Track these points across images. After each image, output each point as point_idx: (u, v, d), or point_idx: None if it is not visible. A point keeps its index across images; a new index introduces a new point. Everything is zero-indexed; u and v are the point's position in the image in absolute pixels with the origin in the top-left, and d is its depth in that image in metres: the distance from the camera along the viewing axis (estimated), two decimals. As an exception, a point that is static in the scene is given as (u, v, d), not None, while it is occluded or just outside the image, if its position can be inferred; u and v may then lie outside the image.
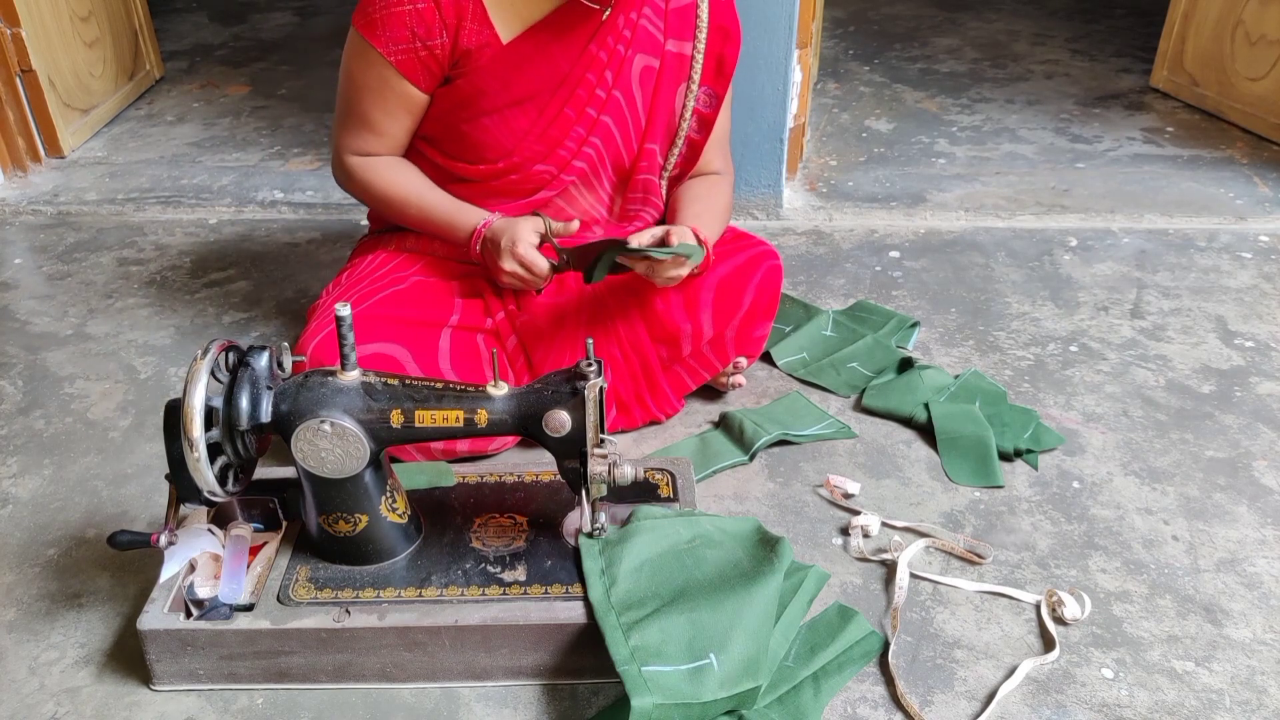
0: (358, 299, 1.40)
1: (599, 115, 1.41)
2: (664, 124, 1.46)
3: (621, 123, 1.43)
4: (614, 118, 1.42)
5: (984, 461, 1.42)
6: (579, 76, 1.37)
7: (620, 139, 1.44)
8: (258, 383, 1.06)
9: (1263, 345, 1.69)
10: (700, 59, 1.43)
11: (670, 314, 1.42)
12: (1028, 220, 2.11)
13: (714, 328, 1.43)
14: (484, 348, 1.41)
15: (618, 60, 1.38)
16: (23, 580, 1.27)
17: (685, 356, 1.46)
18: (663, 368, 1.47)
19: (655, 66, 1.42)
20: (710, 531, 1.19)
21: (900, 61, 2.99)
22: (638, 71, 1.41)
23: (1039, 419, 1.50)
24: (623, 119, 1.43)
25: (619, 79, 1.40)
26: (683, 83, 1.45)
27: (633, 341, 1.45)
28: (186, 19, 3.45)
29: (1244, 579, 1.24)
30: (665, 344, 1.44)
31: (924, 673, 1.13)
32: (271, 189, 2.28)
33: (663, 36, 1.41)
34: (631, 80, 1.41)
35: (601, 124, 1.41)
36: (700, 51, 1.43)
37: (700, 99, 1.46)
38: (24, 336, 1.77)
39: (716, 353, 1.47)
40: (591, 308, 1.45)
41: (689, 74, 1.44)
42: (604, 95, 1.40)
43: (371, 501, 1.11)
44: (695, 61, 1.43)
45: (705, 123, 1.49)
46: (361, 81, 1.37)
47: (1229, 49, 2.45)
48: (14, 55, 2.24)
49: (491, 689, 1.11)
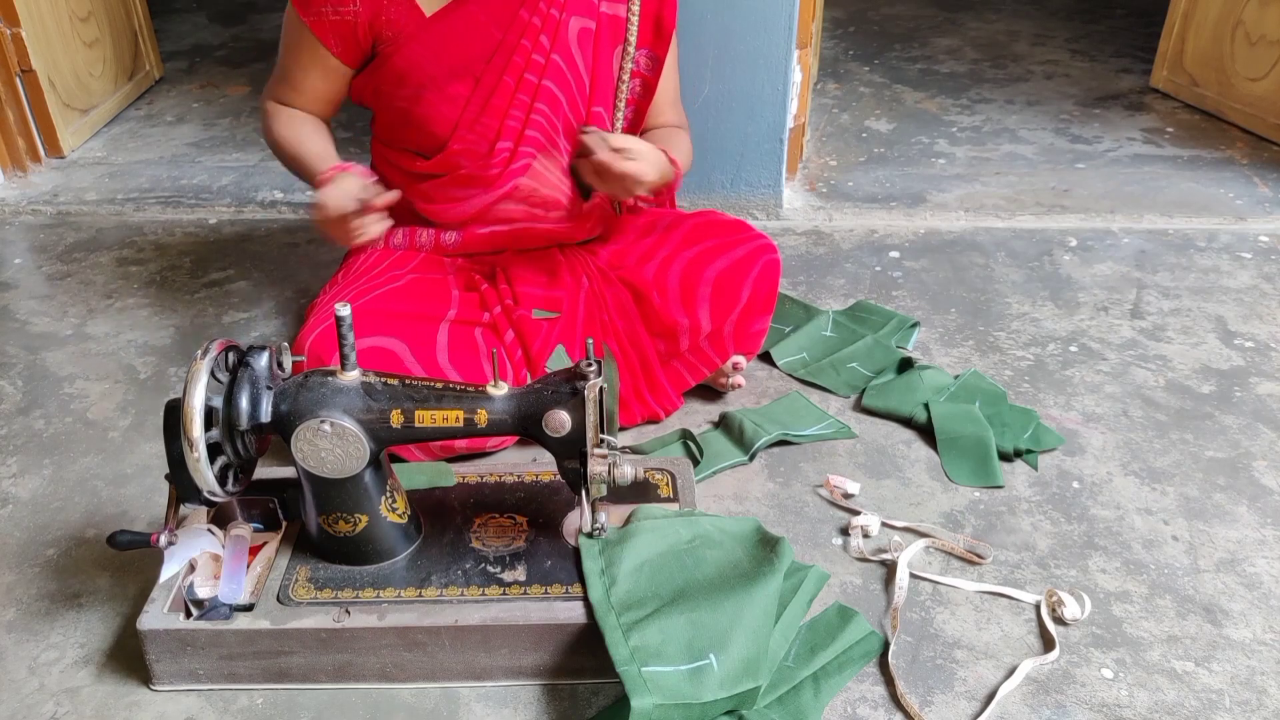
0: (355, 295, 1.40)
1: (540, 80, 1.41)
2: (608, 86, 1.47)
3: (565, 86, 1.44)
4: (556, 81, 1.43)
5: (984, 462, 1.42)
6: (513, 43, 1.39)
7: (566, 103, 1.45)
8: (258, 383, 1.06)
9: (1262, 345, 1.69)
10: (635, 20, 1.44)
11: (668, 308, 1.42)
12: (1028, 220, 2.11)
13: (712, 322, 1.43)
14: (482, 342, 1.41)
15: (552, 24, 1.39)
16: (22, 580, 1.27)
17: (684, 351, 1.46)
18: (661, 363, 1.47)
19: (592, 28, 1.43)
20: (710, 531, 1.19)
21: (900, 62, 2.99)
22: (575, 33, 1.42)
23: (1039, 419, 1.50)
24: (565, 82, 1.43)
25: (556, 42, 1.40)
26: (618, 45, 1.46)
27: (631, 336, 1.45)
28: (186, 19, 3.45)
29: (1244, 579, 1.24)
30: (663, 338, 1.45)
31: (924, 673, 1.13)
32: (271, 189, 2.28)
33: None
34: (570, 43, 1.42)
35: (545, 89, 1.42)
36: (635, 14, 1.44)
37: (641, 62, 1.47)
38: (24, 336, 1.77)
39: (715, 347, 1.47)
40: (589, 302, 1.45)
41: (625, 36, 1.45)
42: (542, 60, 1.41)
43: (371, 501, 1.11)
44: (630, 24, 1.44)
45: (648, 86, 1.50)
46: (287, 41, 1.43)
47: (1229, 49, 2.46)
48: (14, 55, 2.24)
49: (491, 689, 1.11)
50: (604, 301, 1.46)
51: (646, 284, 1.43)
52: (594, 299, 1.46)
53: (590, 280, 1.48)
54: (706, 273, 1.42)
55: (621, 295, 1.45)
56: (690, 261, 1.44)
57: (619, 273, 1.47)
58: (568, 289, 1.46)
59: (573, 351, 1.43)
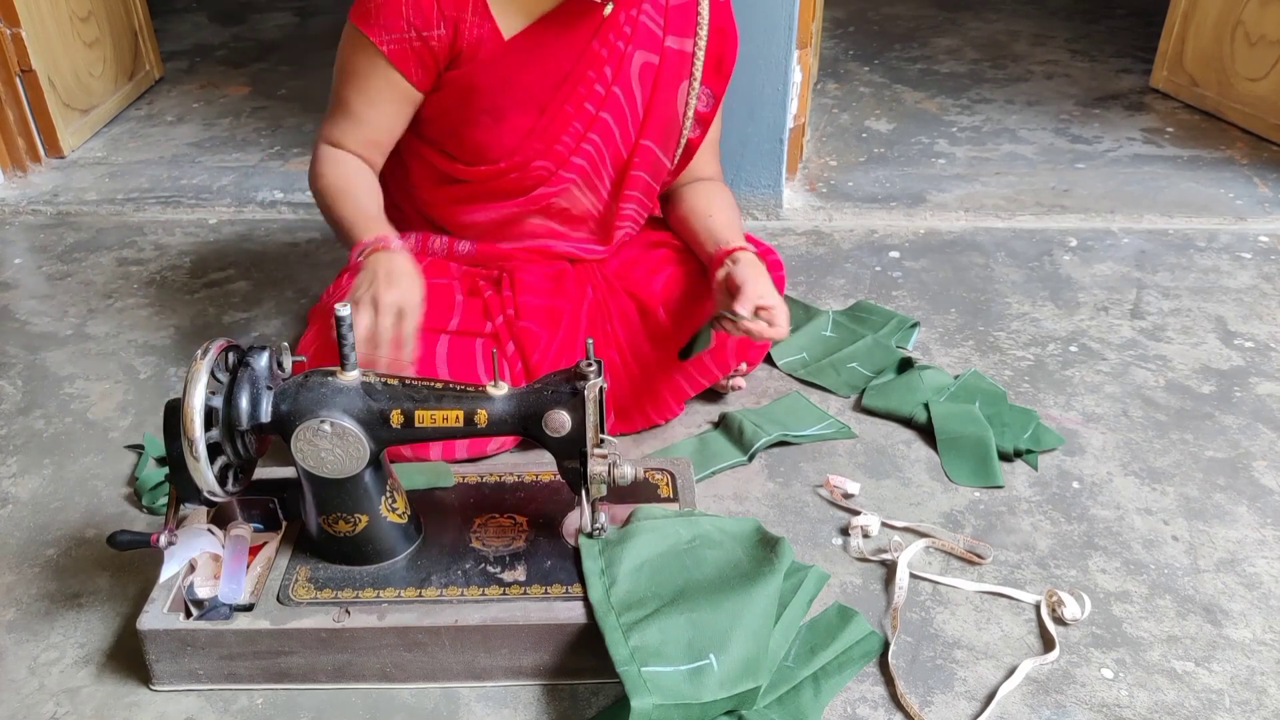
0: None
1: (598, 112, 1.39)
2: (661, 121, 1.44)
3: (620, 119, 1.41)
4: (613, 114, 1.40)
5: (984, 462, 1.42)
6: (580, 73, 1.36)
7: (619, 135, 1.43)
8: (258, 383, 1.06)
9: (1262, 345, 1.69)
10: (702, 57, 1.41)
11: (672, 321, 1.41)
12: (1028, 220, 2.11)
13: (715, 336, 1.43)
14: (482, 354, 1.40)
15: (618, 56, 1.37)
16: (22, 580, 1.27)
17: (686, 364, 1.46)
18: (663, 375, 1.46)
19: (655, 63, 1.40)
20: (710, 532, 1.18)
21: (900, 62, 2.99)
22: (637, 68, 1.40)
23: (1039, 419, 1.50)
24: (622, 116, 1.41)
25: (618, 75, 1.38)
26: (684, 80, 1.43)
27: (633, 347, 1.44)
28: (186, 19, 3.45)
29: (1244, 579, 1.24)
30: (667, 351, 1.44)
31: (924, 673, 1.13)
32: (271, 189, 2.28)
33: (662, 33, 1.40)
34: (631, 77, 1.39)
35: (601, 120, 1.40)
36: (701, 49, 1.41)
37: (701, 98, 1.45)
38: (24, 336, 1.77)
39: (716, 359, 1.47)
40: (591, 313, 1.45)
41: (690, 71, 1.42)
42: (603, 92, 1.38)
43: (371, 501, 1.11)
44: (697, 59, 1.41)
45: (703, 122, 1.48)
46: (350, 69, 1.35)
47: (1229, 49, 2.45)
48: (14, 55, 2.24)
49: (491, 689, 1.11)
50: (607, 311, 1.45)
51: (652, 297, 1.42)
52: (597, 308, 1.46)
53: (595, 290, 1.47)
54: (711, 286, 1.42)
55: (625, 306, 1.44)
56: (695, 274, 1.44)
57: (625, 284, 1.46)
58: (570, 299, 1.45)
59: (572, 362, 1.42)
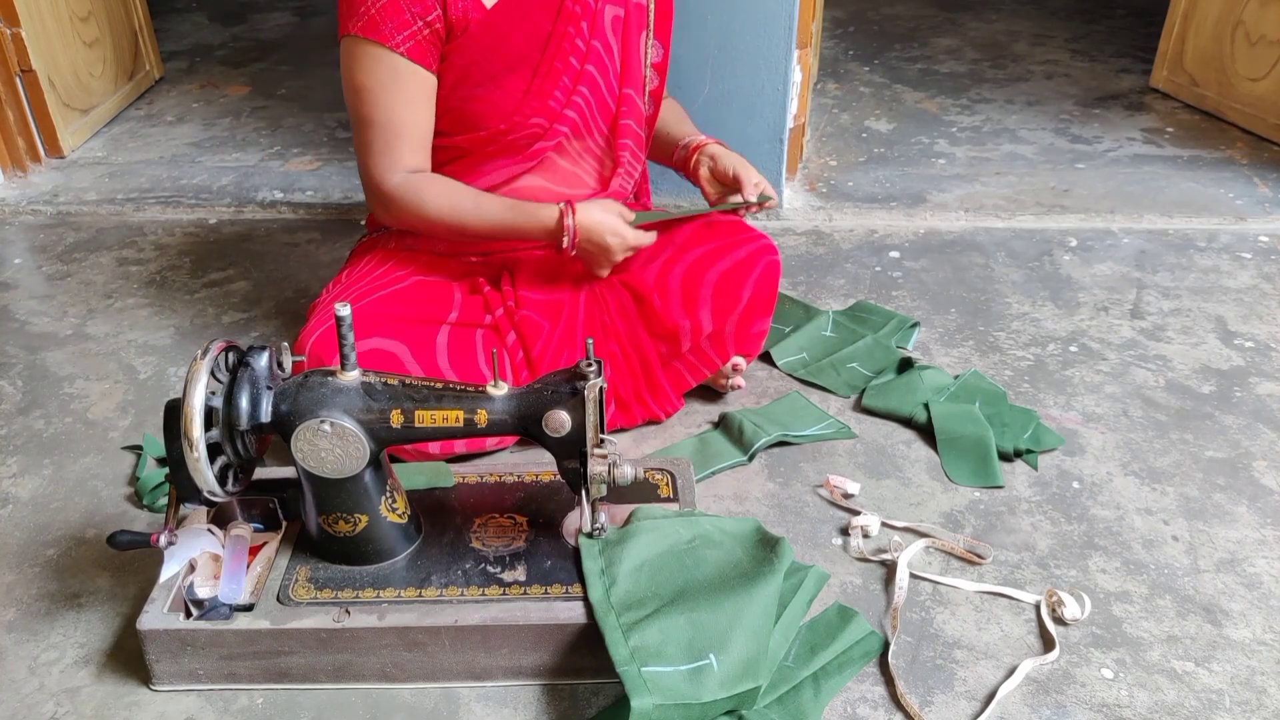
0: (357, 296, 1.40)
1: (582, 66, 1.42)
2: (636, 70, 1.50)
3: (603, 71, 1.45)
4: (596, 67, 1.44)
5: (984, 461, 1.42)
6: (561, 31, 1.39)
7: (604, 87, 1.47)
8: (257, 383, 1.06)
9: (1262, 345, 1.69)
10: (652, 7, 1.48)
11: (669, 310, 1.42)
12: (1028, 220, 2.11)
13: (713, 323, 1.43)
14: (482, 344, 1.41)
15: (590, 12, 1.41)
16: (22, 580, 1.27)
17: (685, 353, 1.46)
18: (662, 364, 1.47)
19: (622, 15, 1.46)
20: (710, 532, 1.18)
21: (900, 62, 2.99)
22: (609, 21, 1.44)
23: (1039, 419, 1.50)
24: (604, 67, 1.45)
25: (594, 29, 1.42)
26: (643, 30, 1.49)
27: (632, 338, 1.45)
28: (186, 19, 3.45)
29: (1244, 579, 1.24)
30: (664, 340, 1.45)
31: (924, 673, 1.13)
32: (271, 189, 2.28)
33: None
34: (605, 29, 1.44)
35: (586, 74, 1.43)
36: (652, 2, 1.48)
37: (655, 50, 1.51)
38: (24, 336, 1.77)
39: (716, 348, 1.47)
40: (590, 304, 1.45)
41: (646, 22, 1.48)
42: (584, 47, 1.42)
43: (371, 501, 1.11)
44: (649, 11, 1.48)
45: (658, 71, 1.54)
46: (372, 85, 1.32)
47: (1229, 49, 2.45)
48: (14, 55, 2.24)
49: (491, 689, 1.11)
50: (605, 304, 1.46)
51: (648, 287, 1.43)
52: (595, 301, 1.46)
53: (591, 282, 1.48)
54: (708, 274, 1.42)
55: (622, 297, 1.45)
56: (692, 264, 1.44)
57: (621, 276, 1.47)
58: (568, 291, 1.46)
59: (573, 353, 1.43)
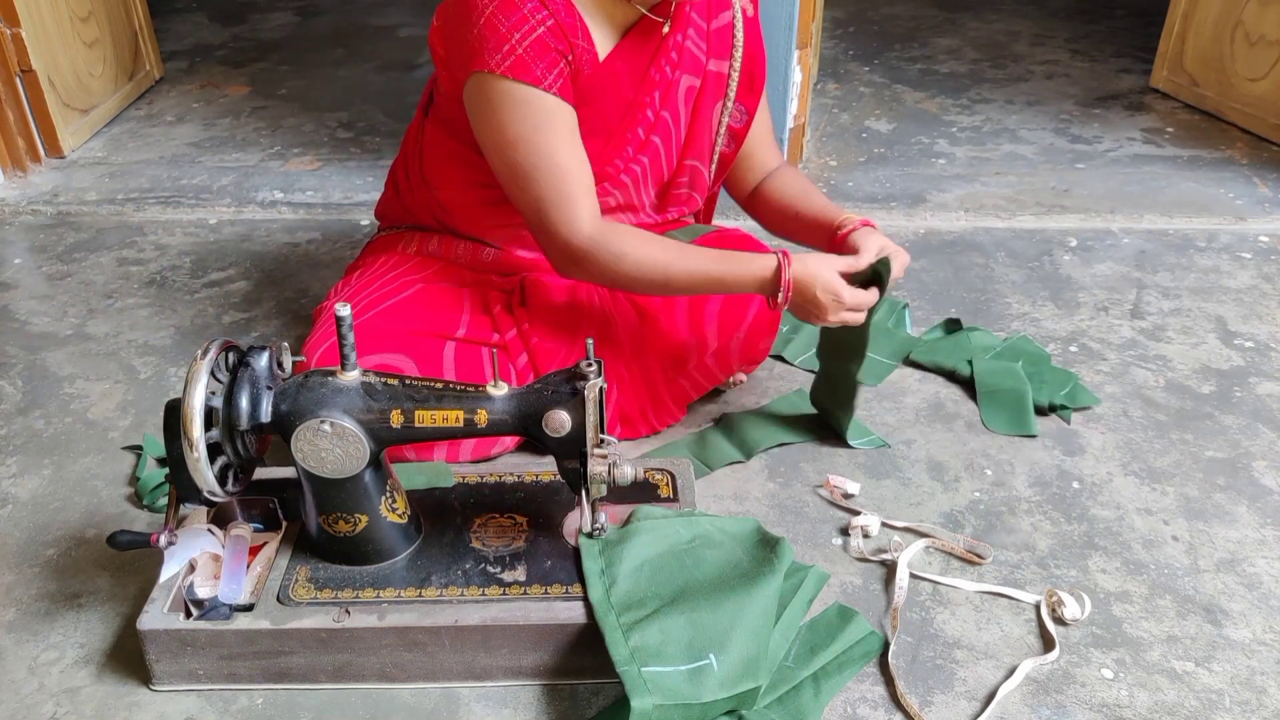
0: (363, 307, 1.39)
1: (649, 136, 1.40)
2: (702, 140, 1.47)
3: (667, 141, 1.43)
4: (661, 137, 1.42)
5: (1020, 411, 1.50)
6: (640, 100, 1.37)
7: (664, 157, 1.44)
8: (258, 383, 1.06)
9: (1262, 345, 1.69)
10: (736, 77, 1.44)
11: (676, 330, 1.41)
12: (1028, 220, 2.11)
13: (719, 339, 1.42)
14: (488, 360, 1.40)
15: (666, 82, 1.38)
16: (22, 580, 1.27)
17: (689, 368, 1.46)
18: (666, 381, 1.46)
19: (697, 86, 1.42)
20: (710, 532, 1.19)
21: (900, 62, 2.99)
22: (683, 91, 1.41)
23: (1078, 380, 1.57)
24: (669, 138, 1.43)
25: (666, 99, 1.39)
26: (720, 100, 1.45)
27: (639, 358, 1.44)
28: (186, 19, 3.45)
29: (1244, 579, 1.24)
30: (669, 356, 1.44)
31: (924, 673, 1.13)
32: (271, 189, 2.28)
33: (705, 57, 1.42)
34: (677, 100, 1.41)
35: (650, 144, 1.41)
36: (736, 70, 1.44)
37: (733, 115, 1.48)
38: (24, 336, 1.77)
39: (720, 363, 1.47)
40: (599, 325, 1.44)
41: (725, 92, 1.45)
42: (653, 117, 1.39)
43: (371, 501, 1.11)
44: (731, 80, 1.44)
45: (735, 137, 1.50)
46: (529, 133, 1.23)
47: (1229, 49, 2.46)
48: (14, 55, 2.24)
49: (491, 689, 1.11)
50: (612, 323, 1.45)
51: (655, 306, 1.42)
52: (603, 320, 1.45)
53: (600, 301, 1.47)
54: None
55: (626, 313, 1.44)
56: None
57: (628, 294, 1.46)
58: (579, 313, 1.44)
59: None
